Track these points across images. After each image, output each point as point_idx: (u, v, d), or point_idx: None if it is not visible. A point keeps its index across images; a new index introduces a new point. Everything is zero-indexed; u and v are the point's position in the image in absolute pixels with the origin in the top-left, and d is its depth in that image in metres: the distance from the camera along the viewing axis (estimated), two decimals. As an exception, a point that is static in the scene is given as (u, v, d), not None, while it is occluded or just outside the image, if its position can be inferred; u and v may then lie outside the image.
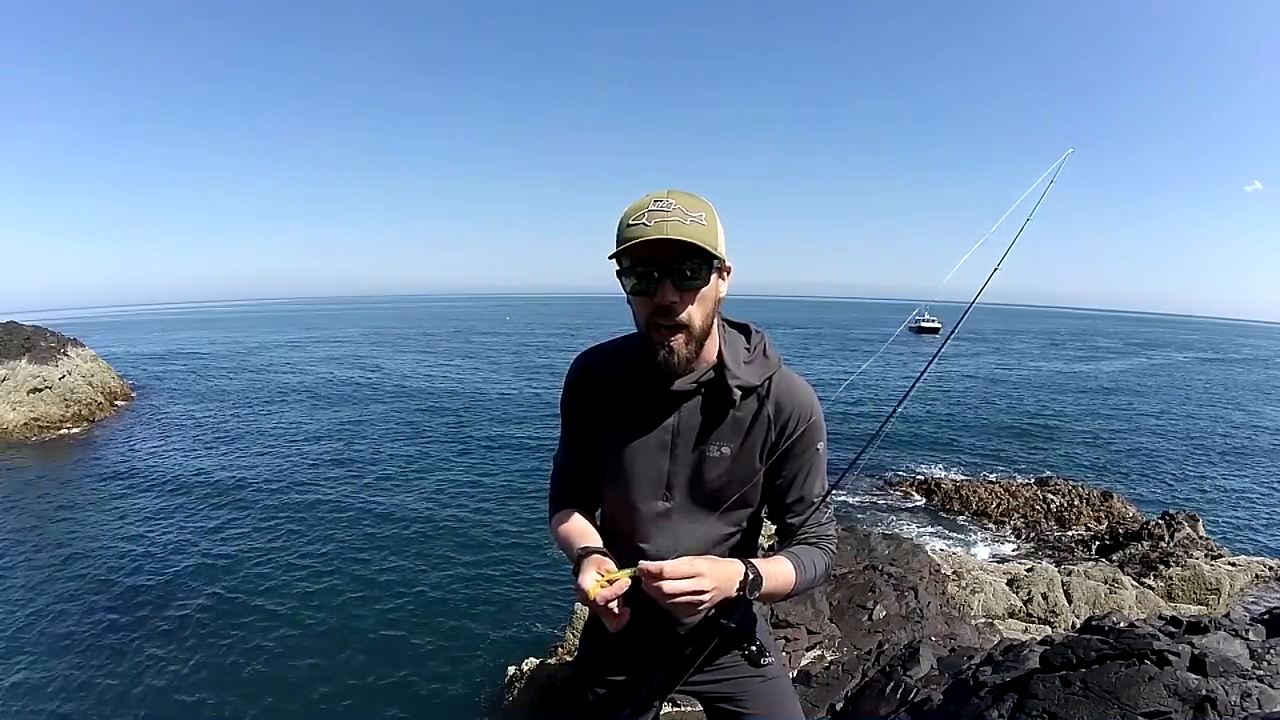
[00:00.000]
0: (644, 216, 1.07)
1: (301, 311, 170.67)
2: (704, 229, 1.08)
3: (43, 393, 23.36)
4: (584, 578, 1.12)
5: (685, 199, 1.09)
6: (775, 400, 1.22)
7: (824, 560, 1.25)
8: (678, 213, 1.07)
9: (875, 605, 6.65)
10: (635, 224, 1.07)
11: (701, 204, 1.11)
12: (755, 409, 1.22)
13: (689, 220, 1.07)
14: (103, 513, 14.91)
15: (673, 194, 1.10)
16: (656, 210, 1.07)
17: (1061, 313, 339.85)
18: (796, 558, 1.21)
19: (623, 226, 1.10)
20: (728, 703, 1.40)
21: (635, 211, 1.09)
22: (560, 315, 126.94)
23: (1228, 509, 17.21)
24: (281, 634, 9.85)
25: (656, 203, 1.08)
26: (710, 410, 1.21)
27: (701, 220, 1.08)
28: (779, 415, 1.22)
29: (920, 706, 3.52)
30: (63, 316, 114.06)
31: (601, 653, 1.45)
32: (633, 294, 1.13)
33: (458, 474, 18.05)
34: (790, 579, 1.18)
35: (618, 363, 1.27)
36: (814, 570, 1.22)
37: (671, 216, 1.06)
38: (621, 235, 1.09)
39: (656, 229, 1.05)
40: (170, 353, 49.58)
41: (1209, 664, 2.63)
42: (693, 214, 1.08)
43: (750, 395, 1.21)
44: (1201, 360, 60.86)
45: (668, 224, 1.06)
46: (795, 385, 1.24)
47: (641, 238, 1.06)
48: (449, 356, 48.84)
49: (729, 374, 1.19)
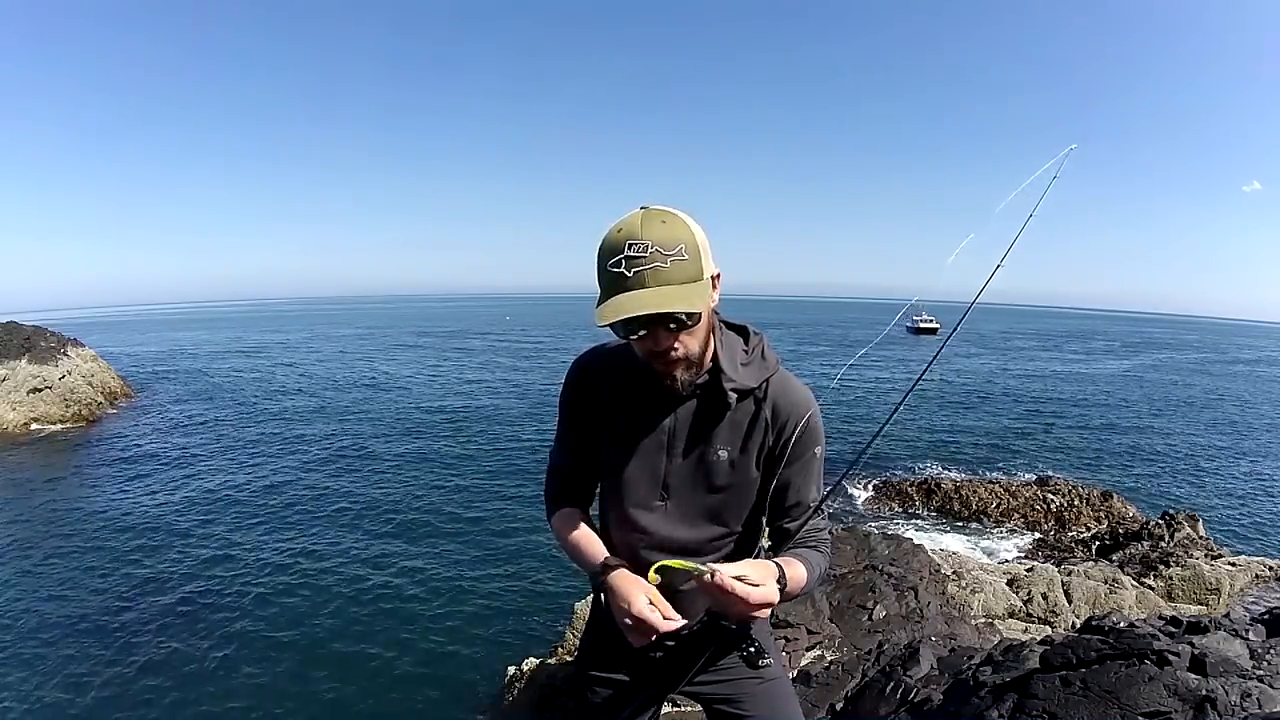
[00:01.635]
0: (623, 264, 1.02)
1: (301, 311, 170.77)
2: (686, 264, 1.03)
3: (43, 392, 23.38)
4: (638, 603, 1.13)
5: (660, 230, 1.03)
6: (772, 403, 1.21)
7: (824, 563, 1.25)
8: (656, 256, 1.01)
9: (875, 605, 6.65)
10: (615, 270, 1.03)
11: (678, 230, 1.05)
12: (753, 412, 1.22)
13: (670, 260, 1.02)
14: (102, 513, 14.90)
15: (646, 221, 1.04)
16: (635, 257, 1.01)
17: (1061, 313, 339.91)
18: (806, 560, 1.20)
19: (600, 269, 1.06)
20: (727, 704, 1.40)
21: (611, 253, 1.04)
22: (561, 315, 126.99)
23: (1228, 509, 17.21)
24: (280, 633, 9.85)
25: (632, 245, 1.02)
26: (706, 412, 1.21)
27: (683, 255, 1.03)
28: (776, 419, 1.21)
29: (920, 706, 3.52)
30: (63, 316, 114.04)
31: (602, 652, 1.44)
32: (622, 337, 1.10)
33: (457, 474, 18.06)
34: (803, 581, 1.17)
35: (617, 364, 1.27)
36: (817, 573, 1.22)
37: (651, 262, 1.01)
38: (602, 278, 1.06)
39: (637, 281, 1.02)
40: (170, 353, 49.58)
41: (1209, 664, 2.63)
42: (671, 252, 1.02)
43: (747, 398, 1.21)
44: (1201, 360, 60.84)
45: (648, 274, 1.01)
46: (793, 388, 1.24)
47: (624, 292, 1.02)
48: (448, 356, 48.85)
49: (724, 377, 1.18)
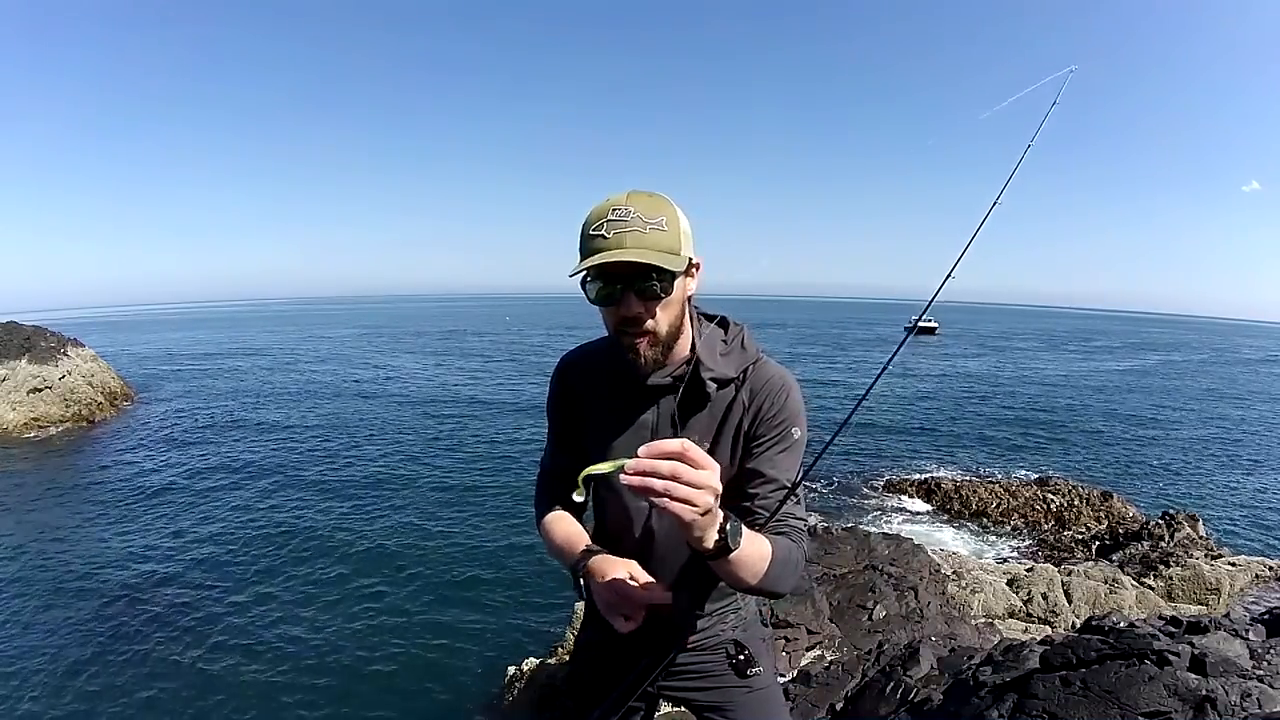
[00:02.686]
0: (603, 227, 1.05)
1: (301, 312, 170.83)
2: (664, 235, 1.07)
3: (43, 393, 23.35)
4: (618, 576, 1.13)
5: (645, 203, 1.07)
6: (749, 387, 1.21)
7: (794, 552, 1.14)
8: (637, 222, 1.05)
9: (875, 605, 6.65)
10: (595, 234, 1.06)
11: (662, 206, 1.09)
12: (731, 398, 1.21)
13: (649, 228, 1.05)
14: (102, 513, 14.88)
15: (632, 197, 1.08)
16: (616, 220, 1.05)
17: (1060, 313, 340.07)
18: (773, 541, 1.11)
19: (584, 235, 1.08)
20: (715, 712, 1.39)
21: (595, 220, 1.07)
22: (561, 315, 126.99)
23: (1228, 509, 17.20)
24: (279, 633, 9.84)
25: (615, 211, 1.06)
26: (686, 404, 1.21)
27: (662, 225, 1.07)
28: (753, 400, 1.21)
29: (920, 706, 3.52)
30: (63, 316, 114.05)
31: (594, 655, 1.45)
32: (596, 303, 1.13)
33: (457, 474, 18.04)
34: (766, 552, 1.06)
35: (596, 363, 1.29)
36: (786, 555, 1.12)
37: (631, 227, 1.05)
38: (583, 244, 1.08)
39: (615, 242, 1.04)
40: (170, 353, 49.58)
41: (1209, 664, 2.63)
42: (652, 221, 1.06)
43: (727, 386, 1.21)
44: (1201, 360, 60.83)
45: (627, 236, 1.04)
46: (771, 371, 1.23)
47: (601, 252, 1.05)
48: (448, 357, 48.84)
49: (703, 367, 1.19)
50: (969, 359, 50.15)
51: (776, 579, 1.09)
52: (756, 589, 1.10)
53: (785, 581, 1.12)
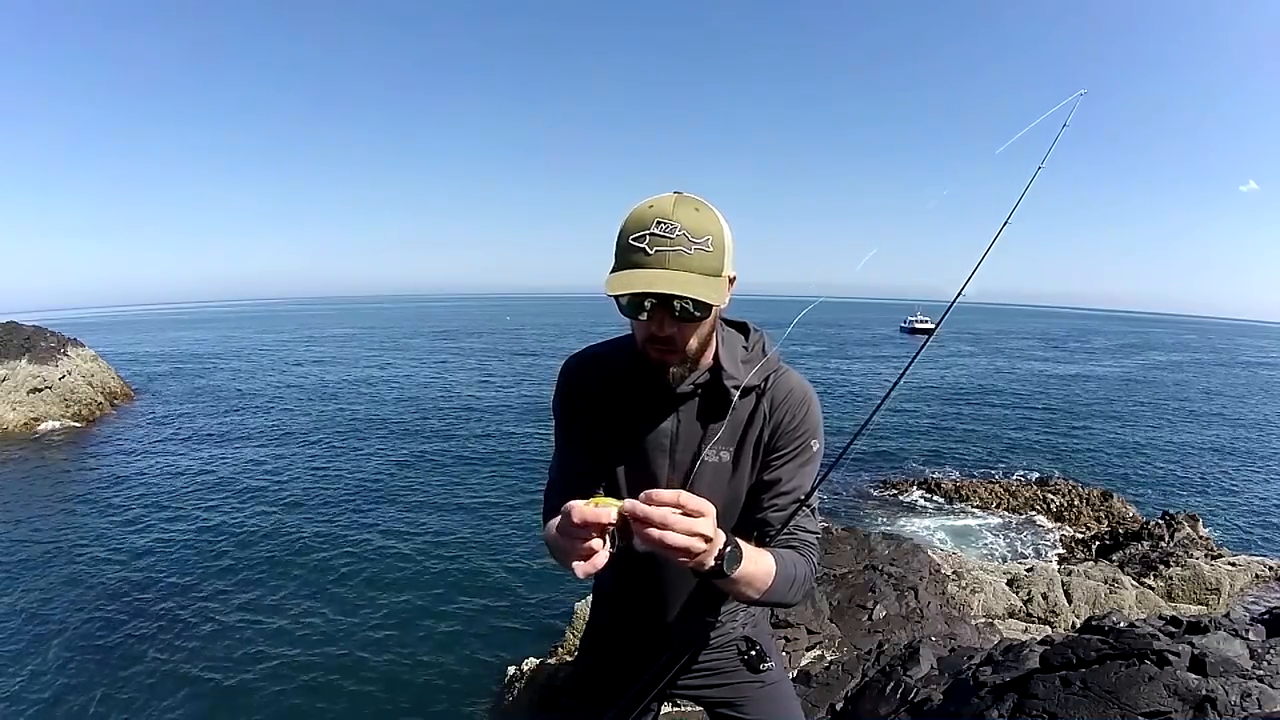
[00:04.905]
0: (645, 241, 0.98)
1: (300, 312, 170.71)
2: (709, 256, 1.00)
3: (43, 392, 23.36)
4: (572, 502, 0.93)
5: (692, 217, 1.00)
6: (771, 398, 1.18)
7: (804, 567, 1.13)
8: (682, 240, 0.98)
9: (875, 605, 6.65)
10: (636, 246, 0.99)
11: (709, 221, 1.01)
12: (752, 408, 1.19)
13: (693, 248, 0.98)
14: (101, 513, 14.89)
15: (679, 205, 1.00)
16: (660, 236, 0.98)
17: (1060, 313, 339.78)
18: (779, 556, 1.09)
19: (622, 243, 1.01)
20: (728, 708, 1.39)
21: (635, 228, 1.00)
22: (561, 315, 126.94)
23: (1228, 509, 17.21)
24: (279, 633, 9.84)
25: (660, 224, 0.98)
26: (708, 412, 1.18)
27: (707, 245, 1.00)
28: (774, 411, 1.18)
29: (920, 706, 3.52)
30: (63, 316, 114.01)
31: (603, 654, 1.45)
32: (626, 314, 1.06)
33: (457, 475, 18.04)
34: (770, 569, 1.05)
35: (612, 365, 1.22)
36: (793, 571, 1.10)
37: (676, 245, 0.98)
38: (620, 253, 1.01)
39: (657, 261, 0.98)
40: (170, 353, 49.58)
41: (1209, 664, 2.64)
42: (697, 240, 0.99)
43: (748, 395, 1.18)
44: (1200, 360, 60.86)
45: (670, 256, 0.98)
46: (792, 382, 1.21)
47: (640, 268, 0.98)
48: (448, 357, 48.83)
49: (725, 375, 1.15)
50: (970, 359, 50.15)
51: (781, 594, 1.08)
52: (760, 603, 1.10)
53: (790, 596, 1.11)
